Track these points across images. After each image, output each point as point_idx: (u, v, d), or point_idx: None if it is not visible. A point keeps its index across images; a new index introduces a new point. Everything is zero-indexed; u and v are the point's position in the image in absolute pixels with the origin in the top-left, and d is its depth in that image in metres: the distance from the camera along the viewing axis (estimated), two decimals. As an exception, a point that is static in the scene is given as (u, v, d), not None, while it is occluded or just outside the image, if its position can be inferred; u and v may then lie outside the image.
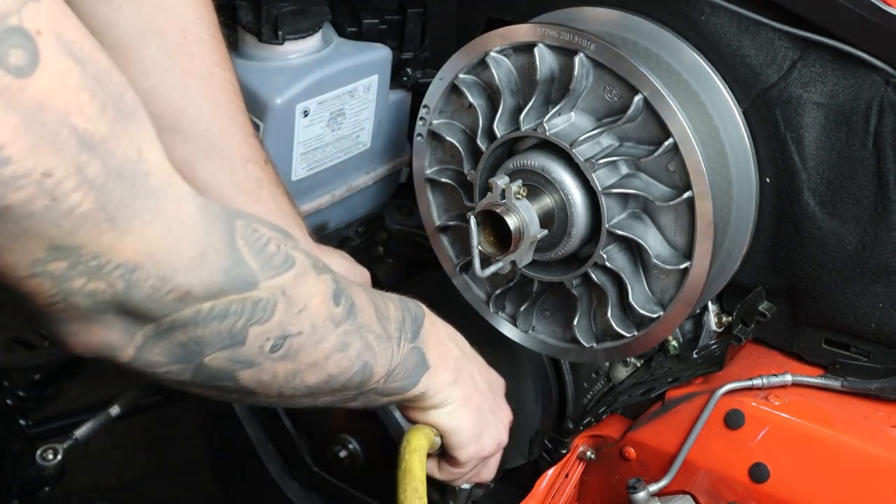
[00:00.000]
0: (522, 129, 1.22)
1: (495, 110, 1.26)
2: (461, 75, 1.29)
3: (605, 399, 1.41)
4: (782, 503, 1.22)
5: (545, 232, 1.21)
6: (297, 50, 1.42)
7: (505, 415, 1.25)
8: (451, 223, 1.39)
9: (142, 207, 0.75)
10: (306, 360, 0.93)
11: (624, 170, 1.21)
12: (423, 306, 1.12)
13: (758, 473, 1.23)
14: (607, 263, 1.21)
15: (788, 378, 1.25)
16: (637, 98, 1.16)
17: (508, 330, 1.39)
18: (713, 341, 1.35)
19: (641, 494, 1.22)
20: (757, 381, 1.25)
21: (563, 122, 1.22)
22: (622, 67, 1.17)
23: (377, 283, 1.45)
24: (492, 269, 1.23)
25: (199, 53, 1.19)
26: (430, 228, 1.41)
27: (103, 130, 0.72)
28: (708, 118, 1.21)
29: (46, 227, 0.71)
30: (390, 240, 1.69)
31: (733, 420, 1.24)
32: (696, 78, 1.22)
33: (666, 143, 1.16)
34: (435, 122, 1.34)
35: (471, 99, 1.29)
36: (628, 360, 1.42)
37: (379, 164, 1.59)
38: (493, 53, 1.25)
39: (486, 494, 1.55)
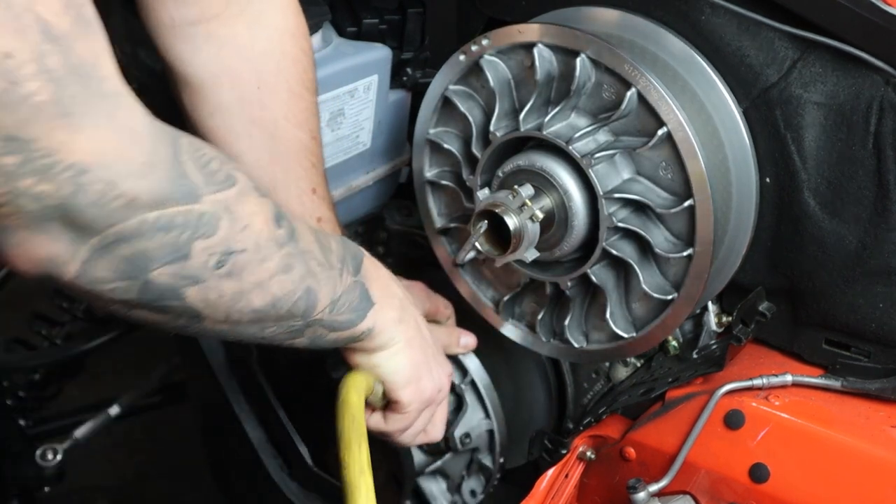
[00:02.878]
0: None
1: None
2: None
3: (605, 399, 1.41)
4: (782, 503, 1.22)
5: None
6: (297, 50, 1.41)
7: (446, 364, 1.26)
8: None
9: (96, 108, 0.77)
10: (251, 278, 0.93)
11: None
12: (363, 248, 1.13)
13: (758, 474, 1.23)
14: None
15: (788, 378, 1.25)
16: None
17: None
18: (713, 341, 1.35)
19: (641, 495, 1.22)
20: (757, 382, 1.25)
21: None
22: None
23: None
24: (469, 255, 1.24)
25: (270, 106, 1.23)
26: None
27: (65, 26, 0.75)
28: (707, 117, 1.21)
29: (2, 114, 0.72)
30: (390, 240, 1.69)
31: (733, 420, 1.24)
32: (696, 77, 1.22)
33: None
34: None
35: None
36: (628, 360, 1.42)
37: (379, 164, 1.59)
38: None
39: (486, 495, 1.56)
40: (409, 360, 1.17)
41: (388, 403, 1.21)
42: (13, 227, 0.80)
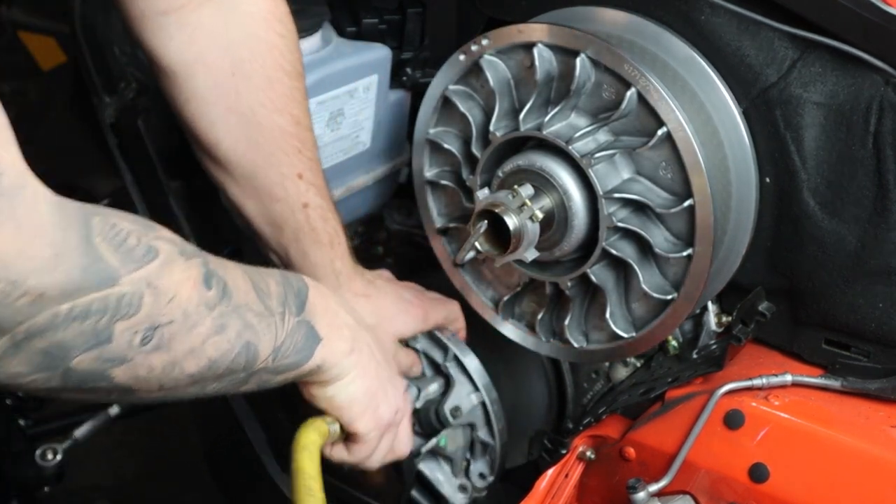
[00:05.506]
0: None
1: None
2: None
3: (604, 399, 1.41)
4: (782, 503, 1.22)
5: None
6: (297, 50, 1.41)
7: (399, 382, 1.24)
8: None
9: None
10: (181, 347, 0.90)
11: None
12: (307, 278, 1.10)
13: (758, 473, 1.23)
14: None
15: (788, 378, 1.25)
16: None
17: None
18: (713, 341, 1.35)
19: (641, 494, 1.22)
20: (757, 381, 1.25)
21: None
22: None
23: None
24: (469, 255, 1.23)
25: (245, 92, 1.22)
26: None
27: None
28: (707, 117, 1.21)
29: None
30: (390, 240, 1.69)
31: (733, 420, 1.24)
32: (695, 77, 1.22)
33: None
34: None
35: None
36: (628, 360, 1.42)
37: (379, 164, 1.59)
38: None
39: (487, 495, 1.56)
40: (364, 389, 1.14)
41: (347, 435, 1.19)
42: None
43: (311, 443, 1.10)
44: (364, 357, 1.14)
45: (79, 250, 0.80)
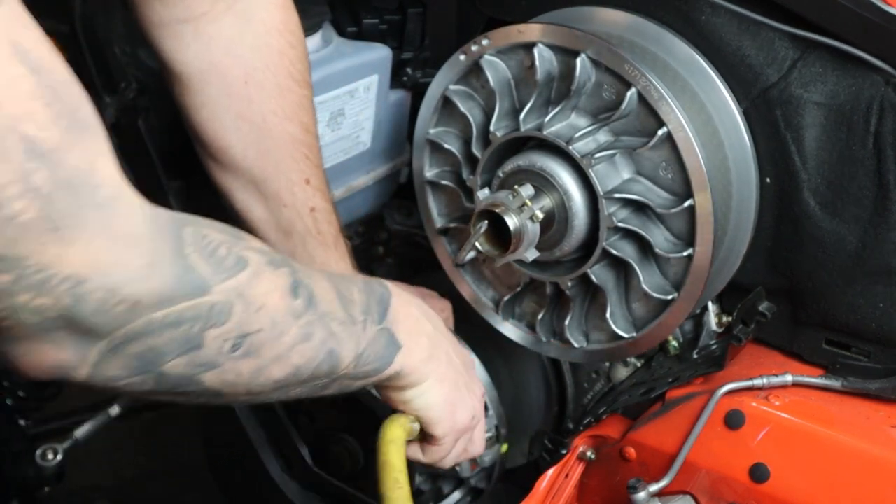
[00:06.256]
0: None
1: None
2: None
3: (605, 399, 1.41)
4: (782, 503, 1.22)
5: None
6: (297, 50, 1.41)
7: (477, 387, 1.26)
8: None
9: (88, 218, 0.75)
10: (269, 354, 0.93)
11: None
12: (389, 284, 1.11)
13: (758, 473, 1.23)
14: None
15: (789, 378, 1.25)
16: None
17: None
18: (713, 341, 1.35)
19: (642, 495, 1.22)
20: (757, 382, 1.25)
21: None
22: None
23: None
24: (469, 255, 1.24)
25: (258, 100, 1.25)
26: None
27: (55, 139, 0.73)
28: (707, 117, 1.21)
29: None
30: (390, 240, 1.69)
31: (734, 420, 1.24)
32: (696, 77, 1.22)
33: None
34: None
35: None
36: (628, 360, 1.42)
37: (379, 164, 1.59)
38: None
39: (487, 495, 1.56)
40: (442, 397, 1.16)
41: (424, 436, 1.20)
42: (17, 339, 0.78)
43: (397, 437, 1.12)
44: (442, 364, 1.15)
45: (171, 259, 0.82)
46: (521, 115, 1.23)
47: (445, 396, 1.16)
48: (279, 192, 1.29)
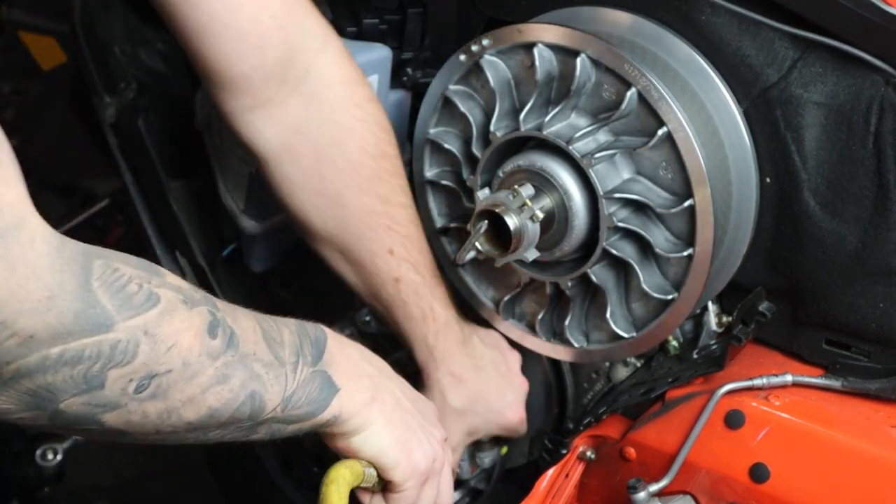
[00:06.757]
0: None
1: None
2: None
3: (605, 399, 1.41)
4: (782, 503, 1.22)
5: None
6: (297, 50, 1.41)
7: (437, 432, 1.20)
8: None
9: None
10: (179, 396, 0.90)
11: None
12: (326, 328, 1.09)
13: (758, 473, 1.23)
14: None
15: (789, 378, 1.25)
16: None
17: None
18: (713, 341, 1.35)
19: (642, 495, 1.22)
20: (757, 382, 1.25)
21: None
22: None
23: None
24: (469, 255, 1.24)
25: (330, 176, 1.29)
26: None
27: None
28: (707, 117, 1.21)
29: None
30: (390, 240, 1.69)
31: (734, 420, 1.24)
32: (696, 77, 1.22)
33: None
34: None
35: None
36: (628, 360, 1.42)
37: (379, 164, 1.58)
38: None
39: (487, 495, 1.56)
40: (392, 439, 1.11)
41: (385, 485, 1.16)
42: None
43: (340, 477, 1.08)
44: (387, 406, 1.11)
45: (74, 294, 0.80)
46: (521, 115, 1.23)
47: (397, 438, 1.11)
48: (362, 261, 1.34)
